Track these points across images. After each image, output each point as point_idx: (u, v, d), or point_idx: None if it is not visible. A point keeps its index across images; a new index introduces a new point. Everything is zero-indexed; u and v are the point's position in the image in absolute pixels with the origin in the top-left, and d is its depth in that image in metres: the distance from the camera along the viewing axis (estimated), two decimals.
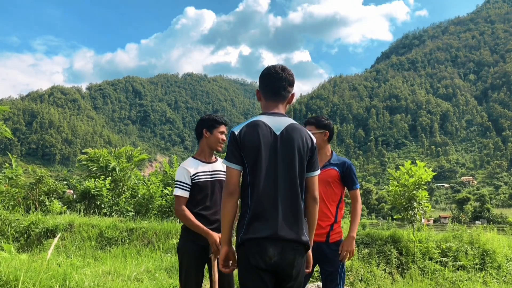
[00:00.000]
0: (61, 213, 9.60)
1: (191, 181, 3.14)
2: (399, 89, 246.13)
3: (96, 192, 10.86)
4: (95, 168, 12.54)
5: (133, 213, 10.57)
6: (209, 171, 3.21)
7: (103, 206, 10.88)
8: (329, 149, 3.51)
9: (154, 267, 6.11)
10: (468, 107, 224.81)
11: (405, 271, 6.62)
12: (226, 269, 2.35)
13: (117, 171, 12.37)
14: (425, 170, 7.28)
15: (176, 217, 9.73)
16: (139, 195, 10.97)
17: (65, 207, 10.63)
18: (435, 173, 8.02)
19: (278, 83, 2.36)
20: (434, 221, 62.39)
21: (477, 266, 6.82)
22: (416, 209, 7.28)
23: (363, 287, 6.14)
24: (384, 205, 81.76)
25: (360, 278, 6.28)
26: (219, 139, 3.25)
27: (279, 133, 2.27)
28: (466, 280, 6.41)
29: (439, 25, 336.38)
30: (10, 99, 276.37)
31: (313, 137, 2.38)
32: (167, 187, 10.75)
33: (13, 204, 10.37)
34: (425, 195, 7.29)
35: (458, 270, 6.70)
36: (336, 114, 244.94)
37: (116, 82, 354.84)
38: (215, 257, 3.02)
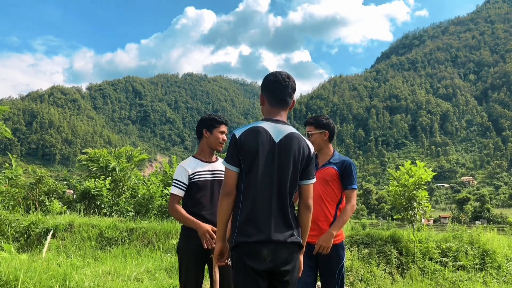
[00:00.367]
0: (61, 213, 9.60)
1: (189, 180, 3.14)
2: (399, 89, 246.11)
3: (96, 192, 10.87)
4: (95, 168, 12.54)
5: (133, 213, 10.57)
6: (209, 171, 3.20)
7: (103, 206, 10.88)
8: (331, 149, 3.46)
9: (154, 267, 6.11)
10: (468, 107, 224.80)
11: (405, 271, 6.62)
12: (220, 263, 2.48)
13: (117, 171, 12.37)
14: (425, 170, 7.28)
15: None
16: (139, 195, 10.97)
17: (65, 207, 10.63)
18: (435, 173, 8.02)
19: (284, 91, 2.44)
20: (434, 221, 62.32)
21: (477, 266, 6.82)
22: (416, 209, 7.28)
23: (363, 287, 6.15)
24: (384, 205, 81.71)
25: (360, 278, 6.28)
26: (219, 139, 3.24)
27: (278, 141, 2.34)
28: (466, 280, 6.41)
29: (439, 25, 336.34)
30: (10, 99, 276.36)
31: (311, 147, 2.44)
32: (167, 187, 10.75)
33: (13, 204, 10.37)
34: (425, 195, 7.29)
35: (458, 270, 6.70)
36: (336, 114, 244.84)
37: (116, 82, 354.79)
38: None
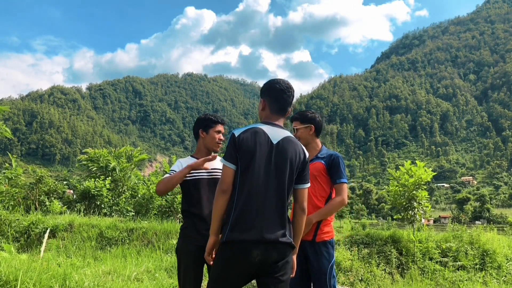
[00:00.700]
0: (61, 213, 9.60)
1: (185, 176, 3.13)
2: (399, 89, 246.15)
3: (96, 192, 10.87)
4: (95, 168, 12.54)
5: (133, 213, 10.57)
6: (206, 169, 3.18)
7: (103, 206, 10.88)
8: (319, 144, 3.40)
9: (154, 267, 6.11)
10: (468, 107, 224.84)
11: (405, 271, 6.62)
12: (209, 259, 2.44)
13: (117, 171, 12.37)
14: (425, 170, 7.28)
15: (175, 217, 9.73)
16: (139, 195, 10.98)
17: (65, 207, 10.63)
18: (435, 173, 8.02)
19: (287, 100, 2.52)
20: (434, 221, 62.35)
21: (477, 266, 6.82)
22: (416, 209, 7.28)
23: (363, 287, 6.15)
24: (384, 205, 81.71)
25: (360, 278, 6.28)
26: (215, 138, 3.21)
27: (275, 143, 2.39)
28: (466, 280, 6.41)
29: (439, 25, 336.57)
30: (10, 99, 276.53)
31: (306, 152, 2.50)
32: None
33: (13, 204, 10.37)
34: (425, 195, 7.29)
35: (458, 270, 6.70)
36: (336, 114, 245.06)
37: (116, 82, 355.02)
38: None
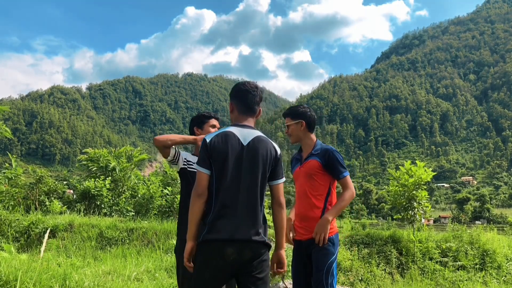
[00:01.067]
0: (61, 213, 9.60)
1: (183, 165, 3.20)
2: (399, 89, 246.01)
3: (96, 192, 10.86)
4: (95, 168, 12.53)
5: (133, 213, 10.57)
6: None
7: (103, 206, 10.88)
8: (313, 139, 3.31)
9: (154, 267, 6.11)
10: (468, 107, 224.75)
11: (405, 271, 6.62)
12: (190, 264, 2.44)
13: (117, 171, 12.36)
14: (425, 170, 7.28)
15: (175, 217, 9.72)
16: (139, 195, 10.98)
17: (65, 207, 10.62)
18: (435, 173, 8.02)
19: (253, 99, 2.62)
20: (434, 221, 62.36)
21: (477, 266, 6.82)
22: (416, 209, 7.29)
23: (363, 287, 6.15)
24: (384, 205, 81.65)
25: (360, 278, 6.28)
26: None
27: (246, 144, 2.48)
28: (466, 280, 6.42)
29: (439, 25, 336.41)
30: (10, 99, 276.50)
31: (277, 149, 2.58)
32: (167, 187, 10.76)
33: (13, 204, 10.36)
34: (425, 195, 7.29)
35: (458, 270, 6.70)
36: (336, 114, 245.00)
37: (116, 82, 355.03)
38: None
